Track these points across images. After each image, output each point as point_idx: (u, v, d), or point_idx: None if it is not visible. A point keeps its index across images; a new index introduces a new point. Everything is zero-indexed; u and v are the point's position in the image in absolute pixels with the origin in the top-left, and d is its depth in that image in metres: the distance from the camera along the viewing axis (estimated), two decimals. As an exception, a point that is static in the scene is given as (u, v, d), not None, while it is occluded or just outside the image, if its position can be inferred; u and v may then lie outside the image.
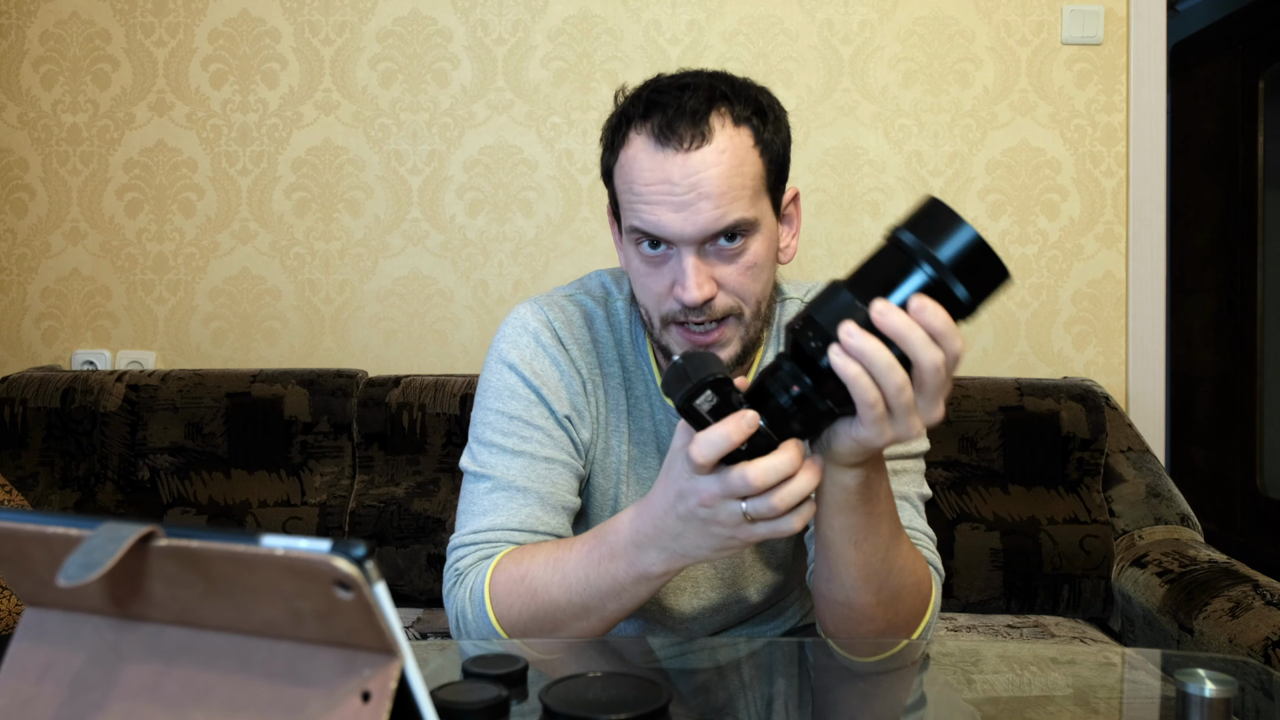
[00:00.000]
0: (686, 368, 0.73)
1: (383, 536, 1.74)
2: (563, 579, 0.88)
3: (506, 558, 0.94)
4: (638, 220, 0.94)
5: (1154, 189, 2.05)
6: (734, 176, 0.93)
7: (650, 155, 0.94)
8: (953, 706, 0.81)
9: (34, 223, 2.13)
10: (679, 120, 0.93)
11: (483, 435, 1.03)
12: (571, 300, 1.09)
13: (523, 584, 0.91)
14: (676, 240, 0.93)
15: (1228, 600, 1.41)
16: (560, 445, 1.02)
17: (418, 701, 0.43)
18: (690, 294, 0.93)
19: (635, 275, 0.99)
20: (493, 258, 2.09)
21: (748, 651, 1.00)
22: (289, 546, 0.40)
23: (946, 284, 0.68)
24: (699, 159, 0.93)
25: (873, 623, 0.89)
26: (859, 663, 0.91)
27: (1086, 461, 1.75)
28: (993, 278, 0.69)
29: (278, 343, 2.11)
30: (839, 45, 2.07)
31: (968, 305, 0.69)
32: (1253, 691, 0.83)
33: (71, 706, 0.45)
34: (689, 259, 0.93)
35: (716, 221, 0.92)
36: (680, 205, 0.92)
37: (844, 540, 0.84)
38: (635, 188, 0.94)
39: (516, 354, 1.04)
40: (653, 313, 0.98)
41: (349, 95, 2.09)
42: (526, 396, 1.02)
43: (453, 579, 0.97)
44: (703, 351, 0.75)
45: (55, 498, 1.81)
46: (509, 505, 0.98)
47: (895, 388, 0.69)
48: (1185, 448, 3.71)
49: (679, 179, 0.92)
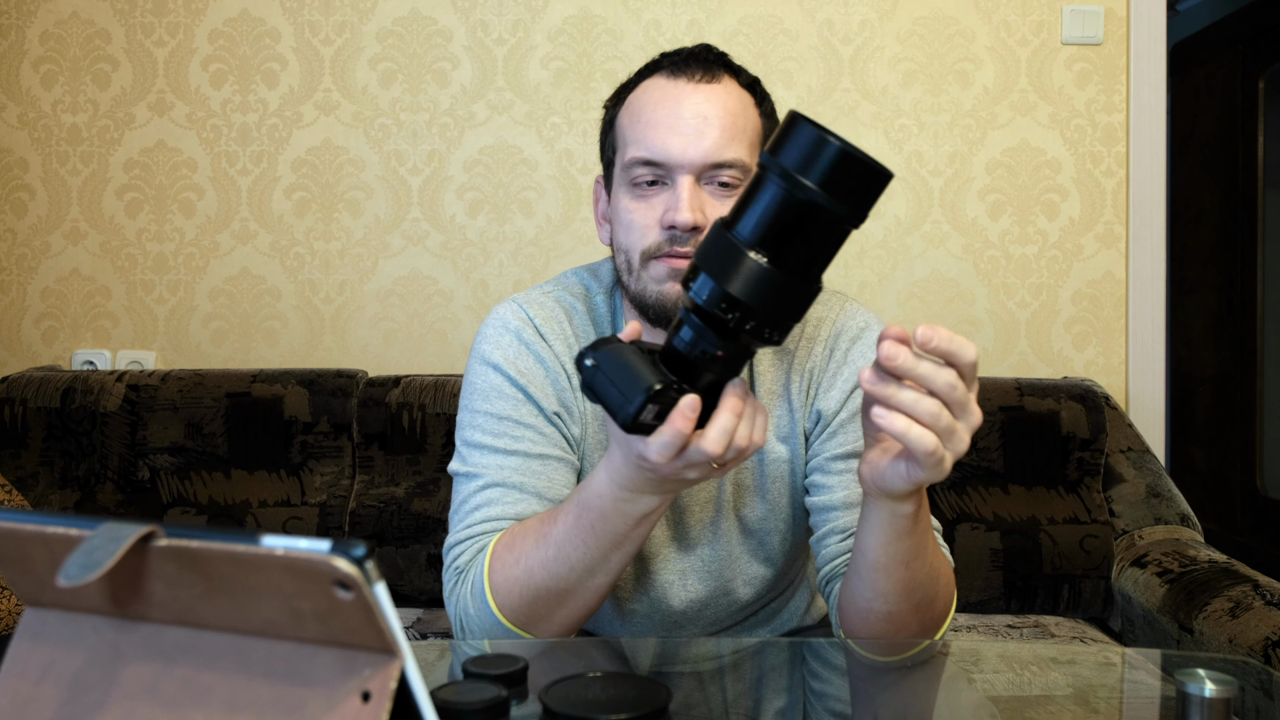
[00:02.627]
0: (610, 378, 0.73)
1: (383, 536, 1.74)
2: (558, 552, 0.88)
3: (498, 547, 0.93)
4: (641, 149, 0.96)
5: (1154, 189, 2.05)
6: (739, 118, 0.98)
7: (662, 87, 0.98)
8: (975, 704, 0.81)
9: (34, 223, 2.13)
10: (692, 62, 0.99)
11: (471, 438, 1.02)
12: (550, 296, 1.09)
13: (518, 567, 0.90)
14: (677, 164, 0.95)
15: (1228, 600, 1.41)
16: (553, 442, 1.02)
17: (418, 701, 0.43)
18: (683, 214, 0.94)
19: (621, 217, 1.00)
20: (493, 258, 2.09)
21: (748, 651, 1.00)
22: (289, 546, 0.40)
23: (824, 206, 0.66)
24: (709, 91, 0.97)
25: (908, 628, 0.90)
26: (881, 661, 0.92)
27: (1086, 461, 1.76)
28: (870, 182, 0.67)
29: (278, 343, 2.11)
30: (839, 45, 2.07)
31: (850, 217, 0.68)
32: (1253, 691, 0.83)
33: (71, 706, 0.45)
34: (685, 183, 0.95)
35: (718, 151, 0.95)
36: (686, 131, 0.95)
37: (897, 563, 0.84)
38: (644, 115, 0.98)
39: (500, 353, 1.03)
40: (634, 252, 0.98)
41: (349, 95, 2.09)
42: (514, 396, 1.02)
43: (453, 578, 0.97)
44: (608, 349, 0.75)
45: (55, 498, 1.81)
46: (503, 500, 0.98)
47: (932, 417, 0.70)
48: (1185, 448, 3.71)
49: (688, 107, 0.96)
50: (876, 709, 0.84)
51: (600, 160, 1.09)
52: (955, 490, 1.75)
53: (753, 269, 0.68)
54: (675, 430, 0.73)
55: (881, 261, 2.06)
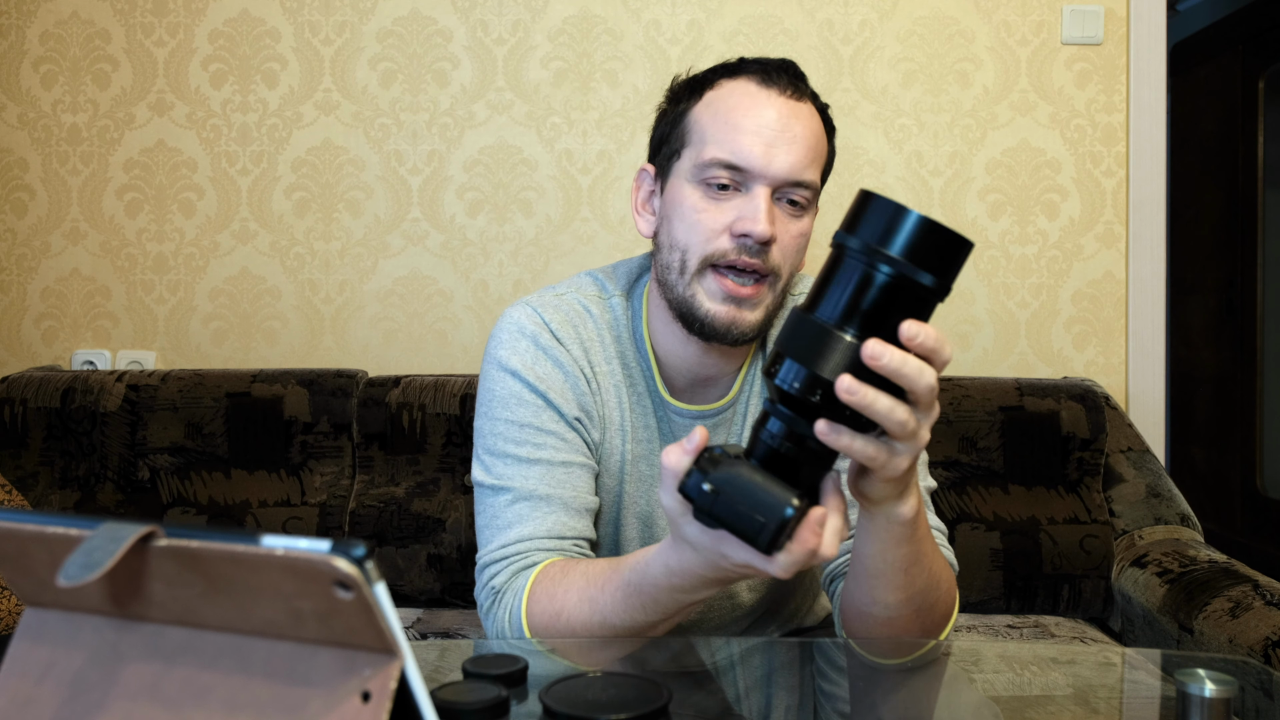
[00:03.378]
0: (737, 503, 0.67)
1: (383, 536, 1.74)
2: (603, 621, 0.86)
3: (538, 588, 0.91)
4: (725, 150, 0.95)
5: (1154, 189, 2.05)
6: (817, 140, 0.98)
7: (751, 94, 0.97)
8: (979, 704, 0.81)
9: (34, 223, 2.13)
10: (780, 74, 0.98)
11: (494, 446, 1.00)
12: (564, 299, 1.07)
13: (559, 621, 0.89)
14: (760, 174, 0.94)
15: (1228, 600, 1.41)
16: (575, 448, 1.01)
17: (418, 701, 0.43)
18: (761, 225, 0.93)
19: (686, 214, 0.97)
20: (493, 258, 2.09)
21: (748, 651, 0.99)
22: (289, 546, 0.40)
23: (910, 277, 0.64)
24: (797, 107, 0.97)
25: (909, 632, 0.89)
26: (883, 663, 0.92)
27: (1086, 461, 1.75)
28: (952, 252, 0.65)
29: (278, 343, 2.11)
30: (839, 45, 2.07)
31: (938, 289, 0.65)
32: (1253, 691, 0.83)
33: (71, 706, 0.45)
34: (764, 194, 0.94)
35: (801, 169, 0.95)
36: (772, 141, 0.94)
37: (896, 569, 0.83)
38: (730, 117, 0.96)
39: (517, 359, 1.01)
40: (694, 254, 0.96)
41: (349, 95, 2.09)
42: (534, 402, 1.00)
43: (489, 598, 0.95)
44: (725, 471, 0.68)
45: (55, 498, 1.81)
46: (534, 515, 0.96)
47: (900, 425, 0.67)
48: (1185, 448, 3.71)
49: (776, 118, 0.95)
50: (879, 710, 0.84)
51: (653, 147, 1.06)
52: (955, 490, 1.75)
53: (847, 349, 0.65)
54: (807, 550, 0.68)
55: (881, 261, 2.06)
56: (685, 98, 1.02)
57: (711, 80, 1.00)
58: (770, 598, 1.14)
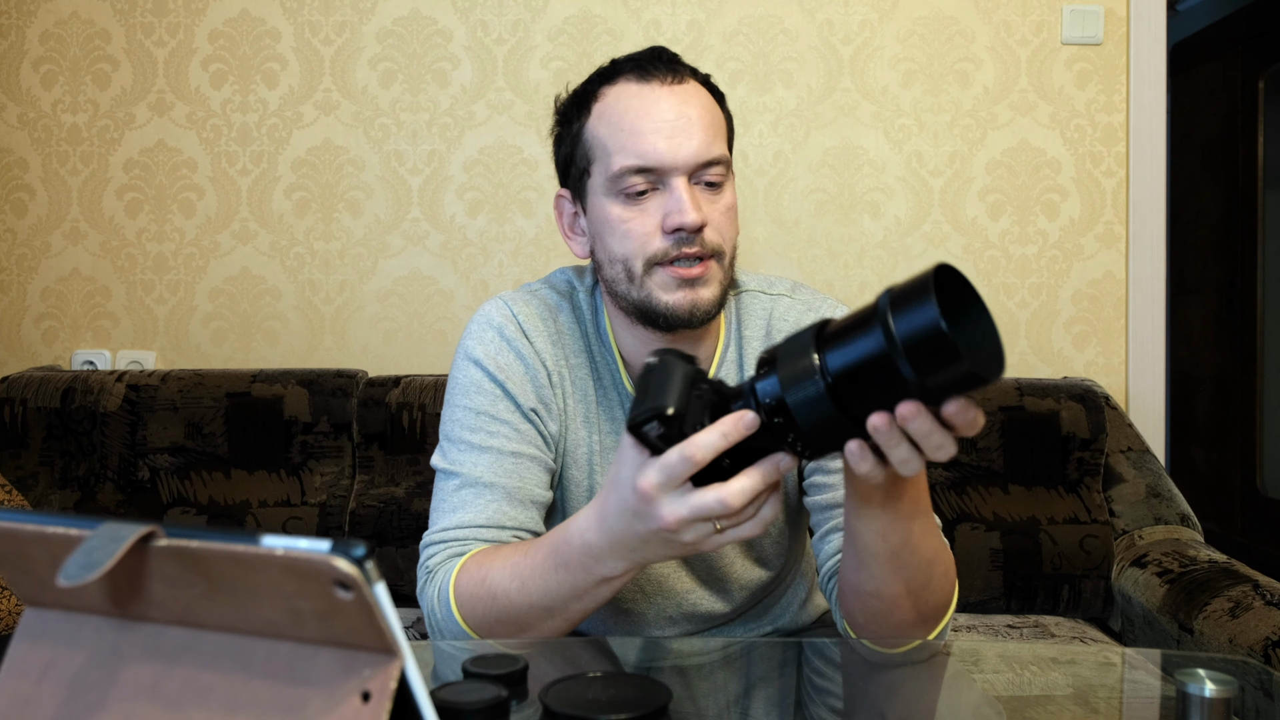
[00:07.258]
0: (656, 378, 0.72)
1: (383, 536, 1.74)
2: (522, 586, 0.88)
3: (470, 561, 0.93)
4: (629, 157, 0.96)
5: (1154, 189, 2.05)
6: (713, 114, 0.99)
7: (636, 94, 0.98)
8: (979, 700, 0.81)
9: (34, 223, 2.13)
10: (654, 65, 0.99)
11: (451, 432, 1.04)
12: (536, 294, 1.10)
13: (483, 588, 0.91)
14: (670, 168, 0.96)
15: (1228, 600, 1.41)
16: (527, 439, 1.03)
17: (418, 701, 0.43)
18: (689, 214, 0.94)
19: (614, 227, 0.99)
20: (493, 258, 2.09)
21: (748, 651, 1.00)
22: (289, 546, 0.40)
23: (893, 359, 0.62)
24: (683, 91, 0.98)
25: (902, 613, 0.88)
26: (882, 651, 0.91)
27: (1086, 461, 1.75)
28: (947, 365, 0.61)
29: (278, 343, 2.11)
30: (839, 45, 2.07)
31: (914, 386, 0.63)
32: (1253, 691, 0.83)
33: (71, 706, 0.45)
34: (682, 185, 0.96)
35: (706, 149, 0.96)
36: (672, 133, 0.96)
37: (872, 533, 0.83)
38: (624, 124, 0.97)
39: (481, 349, 1.04)
40: (635, 261, 0.98)
41: (349, 95, 2.09)
42: (492, 391, 1.03)
43: (423, 576, 0.98)
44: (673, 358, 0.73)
45: (55, 498, 1.81)
46: (476, 502, 0.99)
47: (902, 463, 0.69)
48: (1185, 448, 3.71)
49: (667, 110, 0.97)
50: (880, 708, 0.84)
51: (560, 171, 1.08)
52: (955, 490, 1.75)
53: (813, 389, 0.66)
54: (684, 456, 0.70)
55: (881, 262, 2.06)
56: (575, 116, 1.03)
57: (593, 92, 1.02)
58: (761, 594, 1.14)
